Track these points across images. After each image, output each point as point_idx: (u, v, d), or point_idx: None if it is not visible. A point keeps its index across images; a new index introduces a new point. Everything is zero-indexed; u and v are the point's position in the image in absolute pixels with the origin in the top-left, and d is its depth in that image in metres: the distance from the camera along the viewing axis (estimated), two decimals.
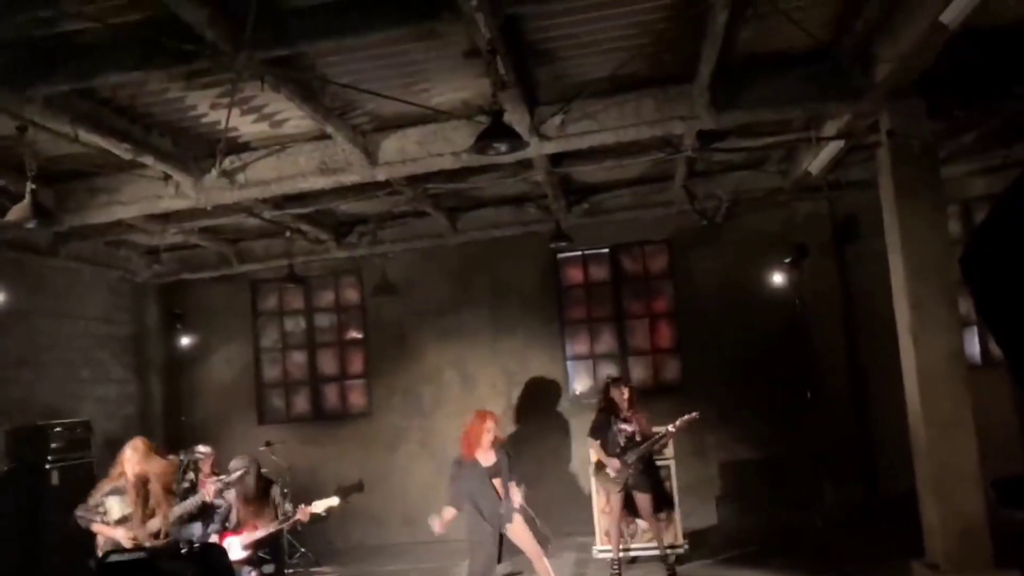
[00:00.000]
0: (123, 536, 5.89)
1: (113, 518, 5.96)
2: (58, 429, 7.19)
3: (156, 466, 6.13)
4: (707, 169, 8.63)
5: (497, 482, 6.56)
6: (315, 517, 7.01)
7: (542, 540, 6.76)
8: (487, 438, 6.60)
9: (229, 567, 2.86)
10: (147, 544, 5.82)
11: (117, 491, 6.05)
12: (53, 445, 7.03)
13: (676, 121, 6.25)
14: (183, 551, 2.89)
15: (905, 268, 6.35)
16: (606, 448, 7.74)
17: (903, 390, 6.56)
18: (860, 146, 7.38)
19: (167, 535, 5.99)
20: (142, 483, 6.05)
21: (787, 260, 8.88)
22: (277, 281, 10.79)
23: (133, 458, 6.07)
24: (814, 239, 9.42)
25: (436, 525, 6.35)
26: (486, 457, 6.60)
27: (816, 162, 7.70)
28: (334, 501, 7.07)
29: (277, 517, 7.05)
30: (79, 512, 6.02)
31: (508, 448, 6.82)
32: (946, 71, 5.88)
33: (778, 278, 9.20)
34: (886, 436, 8.90)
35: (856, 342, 9.70)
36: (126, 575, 2.65)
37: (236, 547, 6.94)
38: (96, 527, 5.98)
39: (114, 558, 2.62)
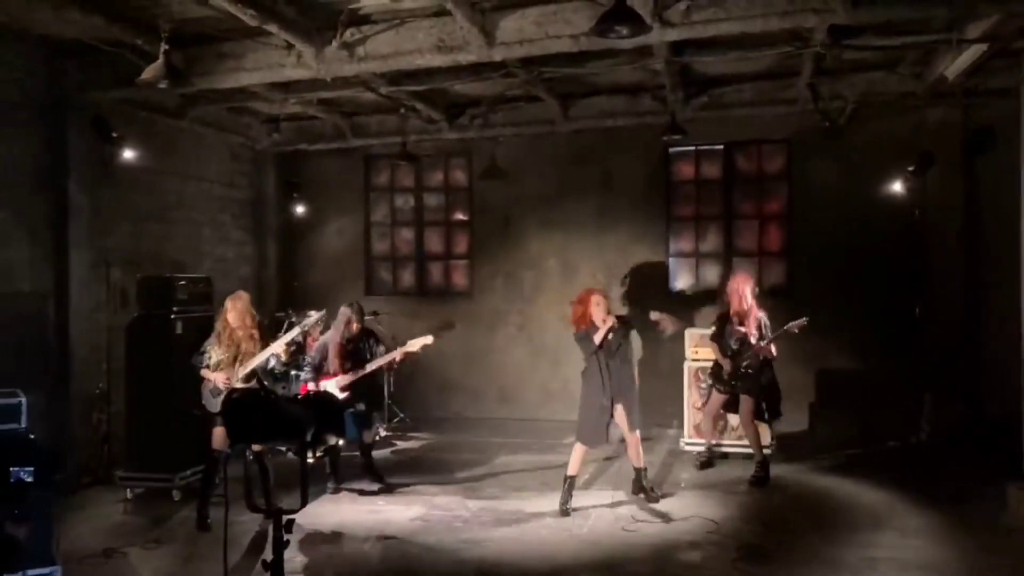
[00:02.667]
0: (220, 379, 6.43)
1: (213, 363, 6.48)
2: (183, 282, 7.61)
3: (249, 319, 6.56)
4: (835, 67, 8.22)
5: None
6: (411, 356, 7.60)
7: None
8: (596, 312, 6.70)
9: (340, 412, 3.10)
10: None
11: (216, 339, 6.54)
12: (178, 296, 7.46)
13: (808, 13, 5.93)
14: (298, 397, 3.13)
15: None
16: (723, 351, 7.84)
17: (1019, 312, 6.32)
18: (1005, 51, 6.89)
19: (257, 379, 6.50)
20: (234, 333, 6.51)
21: (911, 169, 8.50)
22: (389, 158, 10.99)
23: (231, 309, 6.53)
24: (942, 149, 8.96)
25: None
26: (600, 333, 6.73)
27: (954, 66, 7.24)
28: (428, 339, 7.61)
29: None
30: (194, 357, 6.59)
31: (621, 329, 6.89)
32: None
33: (899, 187, 8.85)
34: (995, 358, 8.63)
35: (975, 259, 9.29)
36: (249, 409, 2.89)
37: (332, 389, 7.39)
38: (203, 371, 6.52)
39: (239, 394, 2.87)
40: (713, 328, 8.08)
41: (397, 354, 7.45)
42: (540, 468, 8.21)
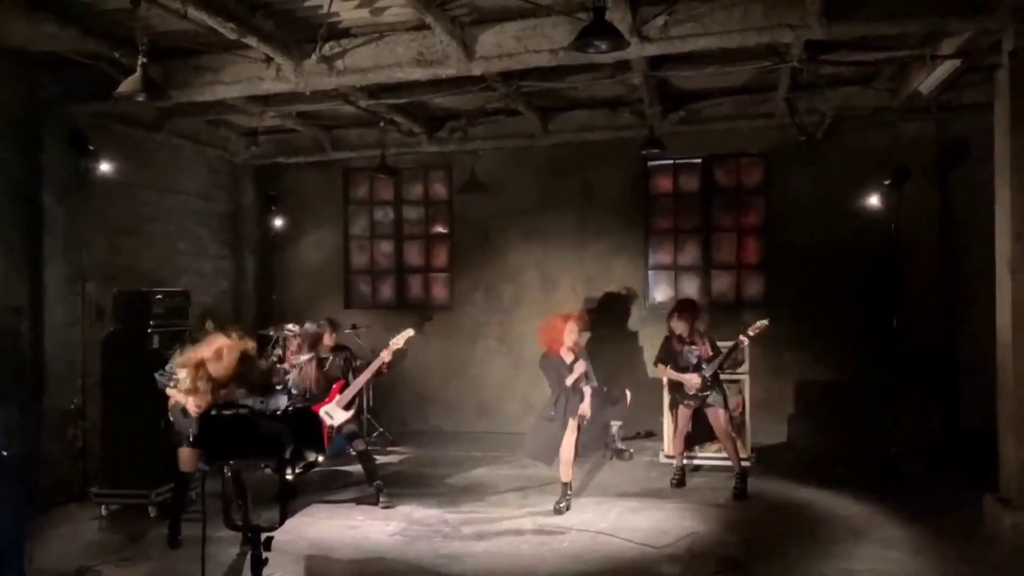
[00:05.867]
0: (191, 405, 6.13)
1: (183, 388, 6.18)
2: (159, 297, 7.52)
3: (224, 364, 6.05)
4: (812, 82, 8.30)
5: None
6: (399, 354, 7.61)
7: (580, 448, 7.22)
8: (568, 339, 7.00)
9: (320, 429, 3.06)
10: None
11: (189, 370, 6.16)
12: (155, 311, 7.36)
13: (785, 29, 5.99)
14: (278, 413, 3.07)
15: (1012, 199, 6.09)
16: (678, 369, 7.84)
17: (996, 325, 6.39)
18: (978, 67, 7.00)
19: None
20: (201, 371, 6.07)
21: (887, 182, 8.59)
22: (369, 171, 10.95)
23: (208, 352, 6.06)
24: (917, 162, 9.07)
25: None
26: (567, 356, 7.02)
27: (928, 81, 7.35)
28: (409, 332, 7.71)
29: (351, 379, 7.49)
30: (158, 374, 6.35)
31: (585, 353, 7.07)
32: None
33: (875, 200, 8.91)
34: (972, 370, 8.71)
35: (951, 271, 9.40)
36: (227, 428, 2.85)
37: (337, 412, 7.35)
38: (169, 391, 6.28)
39: (217, 412, 2.83)
40: (659, 350, 8.07)
41: (386, 355, 7.44)
42: (520, 482, 8.18)
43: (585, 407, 7.08)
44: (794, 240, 9.95)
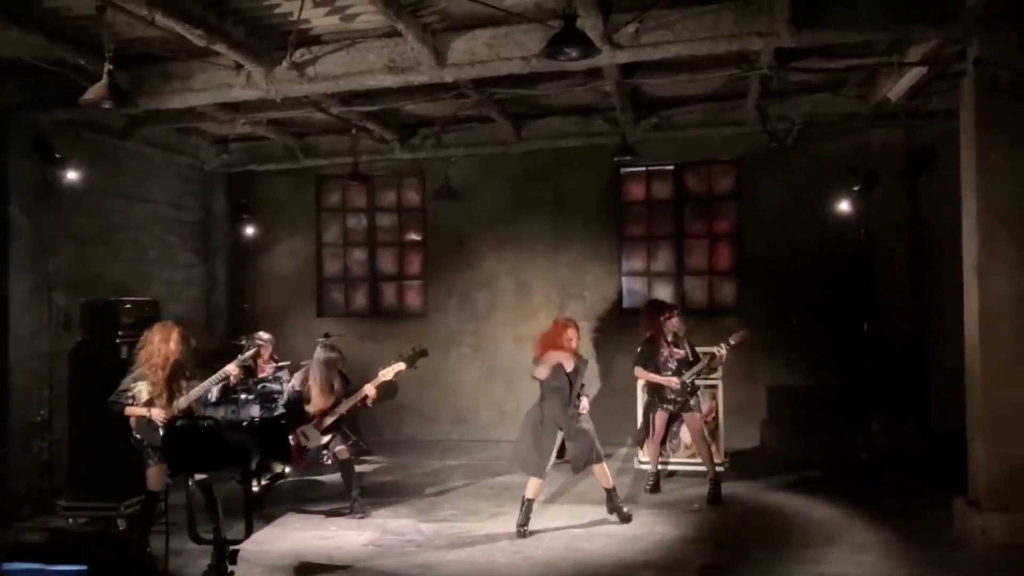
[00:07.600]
0: (156, 415, 6.09)
1: (142, 400, 6.17)
2: (128, 306, 7.42)
3: (180, 349, 6.28)
4: (782, 89, 8.36)
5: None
6: (385, 386, 7.29)
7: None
8: (568, 345, 6.78)
9: (287, 441, 3.03)
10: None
11: (143, 376, 6.22)
12: (124, 320, 7.26)
13: (754, 37, 6.04)
14: (244, 424, 3.03)
15: (978, 204, 6.16)
16: (658, 372, 7.83)
17: (964, 329, 6.46)
18: (944, 74, 7.09)
19: (192, 412, 6.23)
20: (168, 366, 6.22)
21: (856, 188, 8.67)
22: (341, 178, 10.88)
23: (161, 343, 6.23)
24: (886, 169, 9.18)
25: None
26: (567, 363, 6.74)
27: (896, 88, 7.44)
28: (400, 366, 7.35)
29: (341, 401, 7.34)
30: (111, 399, 6.23)
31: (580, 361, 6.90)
32: None
33: (845, 206, 9.01)
34: (942, 374, 8.80)
35: (920, 276, 9.49)
36: (193, 440, 2.81)
37: (314, 434, 7.26)
38: (128, 411, 6.19)
39: (182, 423, 2.79)
40: (639, 355, 8.04)
41: (369, 388, 7.29)
42: (494, 490, 8.16)
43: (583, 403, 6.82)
44: (766, 246, 10.02)
